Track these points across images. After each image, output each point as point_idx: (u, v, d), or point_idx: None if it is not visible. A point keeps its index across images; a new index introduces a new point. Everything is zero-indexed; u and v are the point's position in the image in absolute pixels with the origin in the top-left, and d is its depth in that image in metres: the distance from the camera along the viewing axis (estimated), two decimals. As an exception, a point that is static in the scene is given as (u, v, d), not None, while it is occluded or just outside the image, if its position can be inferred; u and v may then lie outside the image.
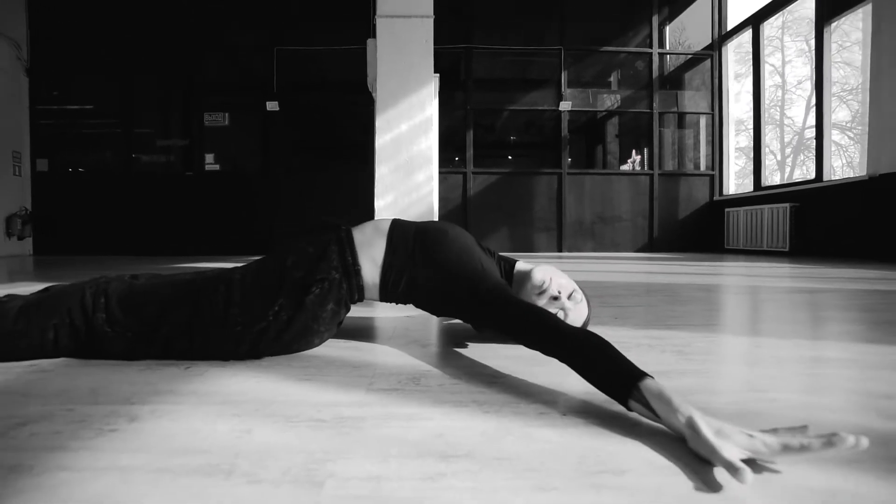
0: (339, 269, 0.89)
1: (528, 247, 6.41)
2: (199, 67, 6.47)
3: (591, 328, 1.11)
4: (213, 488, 0.42)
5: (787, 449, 0.45)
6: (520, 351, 0.93)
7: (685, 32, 6.99)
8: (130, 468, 0.46)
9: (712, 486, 0.43)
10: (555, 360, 0.68)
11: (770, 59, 16.83)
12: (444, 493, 0.42)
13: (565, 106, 6.35)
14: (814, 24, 5.18)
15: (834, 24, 5.00)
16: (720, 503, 0.41)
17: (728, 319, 1.46)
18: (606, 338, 0.65)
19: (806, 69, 15.88)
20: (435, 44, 3.51)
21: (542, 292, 0.95)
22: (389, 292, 0.95)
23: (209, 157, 6.47)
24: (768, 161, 17.30)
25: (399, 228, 0.98)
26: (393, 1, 3.56)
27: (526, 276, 1.00)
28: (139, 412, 0.62)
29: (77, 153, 6.61)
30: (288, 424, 0.57)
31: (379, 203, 3.46)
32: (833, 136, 5.19)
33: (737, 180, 12.34)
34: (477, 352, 0.96)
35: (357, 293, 0.92)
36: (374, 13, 3.69)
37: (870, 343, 1.04)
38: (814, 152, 5.22)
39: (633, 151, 6.99)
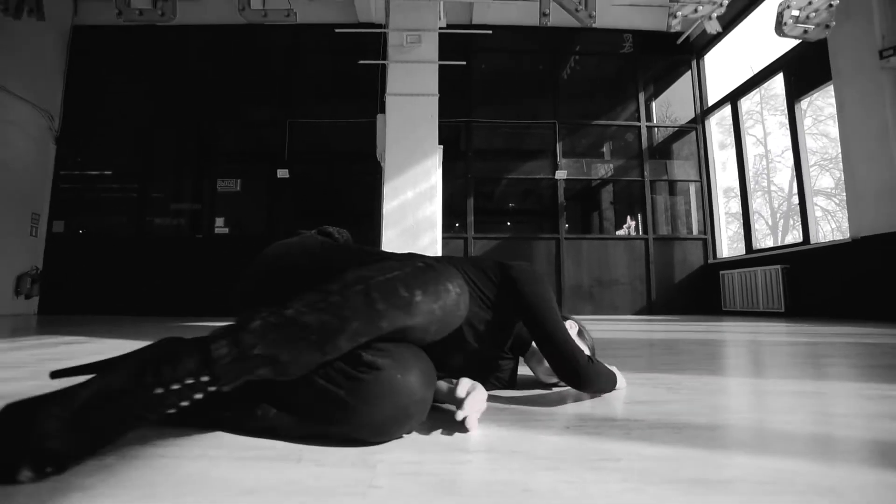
0: None
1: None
2: (215, 137, 6.91)
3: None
4: (288, 470, 0.53)
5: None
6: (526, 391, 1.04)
7: (671, 107, 7.53)
8: (216, 457, 0.57)
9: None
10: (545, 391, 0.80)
11: (752, 131, 17.83)
12: (471, 471, 0.53)
13: (561, 175, 6.71)
14: (786, 102, 5.63)
15: (804, 102, 5.45)
16: (697, 487, 0.52)
17: (719, 366, 1.56)
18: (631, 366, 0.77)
19: (787, 139, 16.76)
20: (437, 118, 3.81)
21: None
22: None
23: (219, 221, 6.72)
24: (760, 226, 17.81)
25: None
26: (402, 81, 3.92)
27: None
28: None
29: (93, 215, 6.89)
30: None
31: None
32: (820, 202, 5.47)
33: (731, 244, 12.61)
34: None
35: None
36: (384, 91, 4.04)
37: (844, 381, 1.15)
38: (814, 214, 5.48)
39: (628, 217, 7.28)
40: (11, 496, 0.47)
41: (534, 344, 1.04)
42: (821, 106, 14.80)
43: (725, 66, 16.13)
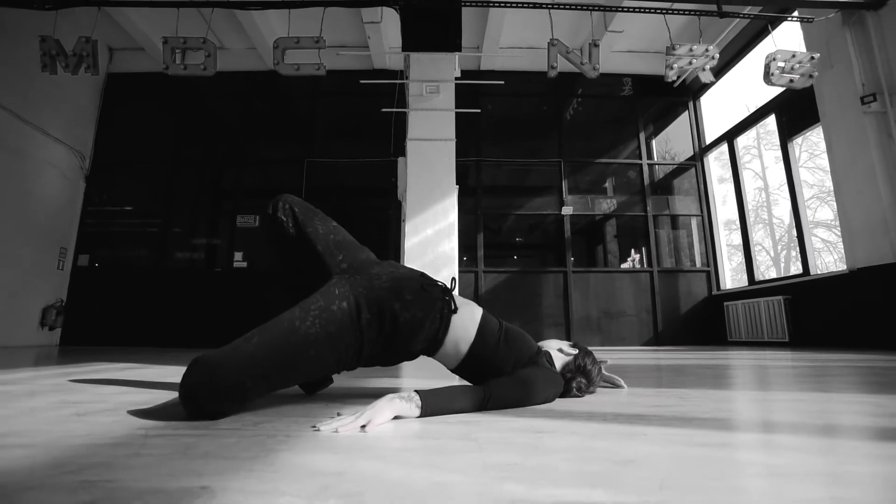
0: (427, 340, 1.19)
1: (538, 341, 6.64)
2: (236, 176, 7.27)
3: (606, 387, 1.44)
4: (409, 452, 0.74)
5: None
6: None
7: (671, 143, 7.88)
8: (333, 449, 0.78)
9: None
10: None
11: (751, 165, 18.27)
12: (547, 440, 0.74)
13: (567, 211, 6.99)
14: (779, 140, 5.95)
15: (797, 140, 5.76)
16: (704, 448, 0.72)
17: (725, 383, 1.75)
18: (619, 392, 0.99)
19: (784, 173, 17.15)
20: (455, 158, 4.09)
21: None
22: (462, 367, 1.24)
23: (238, 255, 6.98)
24: (762, 258, 17.98)
25: (488, 323, 1.24)
26: (422, 127, 4.25)
27: None
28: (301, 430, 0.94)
29: (116, 250, 7.16)
30: (446, 425, 0.90)
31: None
32: (821, 233, 5.69)
33: (735, 275, 12.71)
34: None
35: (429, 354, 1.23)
36: (399, 133, 4.36)
37: (843, 392, 1.35)
38: (812, 246, 5.70)
39: (633, 250, 7.51)
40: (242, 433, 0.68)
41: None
42: (815, 141, 15.25)
43: (722, 104, 16.72)
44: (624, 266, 7.41)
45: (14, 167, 5.86)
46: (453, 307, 1.20)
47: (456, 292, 1.29)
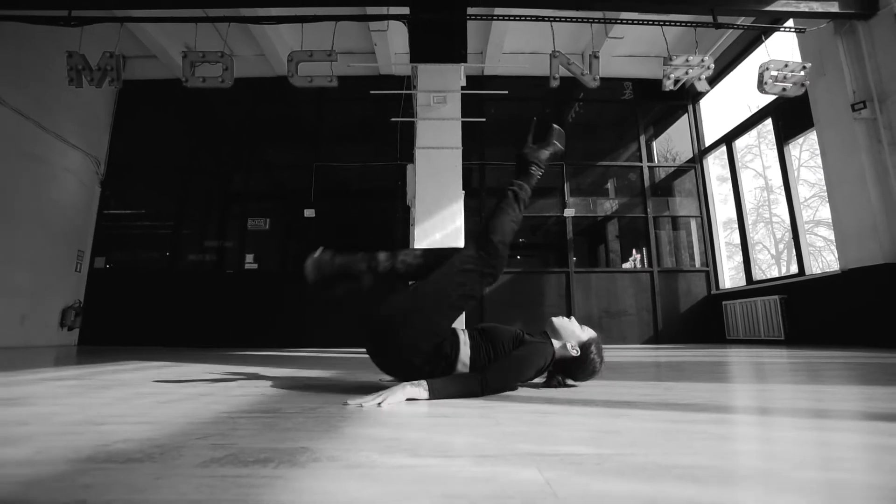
0: (446, 358, 1.43)
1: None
2: (246, 179, 7.49)
3: (602, 380, 1.64)
4: (443, 427, 0.95)
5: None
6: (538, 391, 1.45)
7: (671, 144, 8.06)
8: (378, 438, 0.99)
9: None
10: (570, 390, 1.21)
11: (752, 164, 18.39)
12: (552, 418, 0.94)
13: (569, 212, 7.19)
14: (776, 144, 6.13)
15: (799, 140, 5.93)
16: (672, 421, 0.92)
17: (713, 376, 1.95)
18: (614, 384, 1.19)
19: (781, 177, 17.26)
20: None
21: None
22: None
23: (249, 257, 7.20)
24: (764, 256, 18.14)
25: (472, 338, 1.52)
26: (430, 135, 4.44)
27: None
28: (348, 411, 1.14)
29: (131, 252, 7.40)
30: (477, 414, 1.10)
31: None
32: (822, 232, 5.86)
33: (737, 274, 12.87)
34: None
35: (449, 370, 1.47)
36: (414, 144, 4.56)
37: (817, 383, 1.54)
38: (808, 247, 5.89)
39: (634, 250, 7.70)
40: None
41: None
42: (814, 141, 15.35)
43: (721, 107, 16.83)
44: (625, 266, 7.60)
45: (34, 173, 6.10)
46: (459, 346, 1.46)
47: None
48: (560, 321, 1.56)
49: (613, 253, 8.00)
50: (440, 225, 4.06)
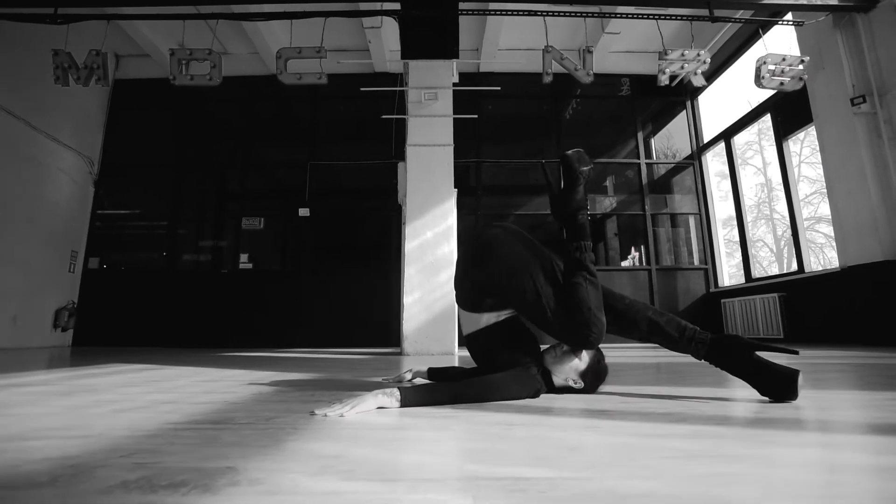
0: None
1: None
2: (241, 179, 7.43)
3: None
4: (397, 441, 0.88)
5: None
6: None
7: (670, 141, 7.97)
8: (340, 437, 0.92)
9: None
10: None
11: (753, 161, 18.28)
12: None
13: (565, 209, 7.10)
14: (774, 139, 6.04)
15: (800, 135, 5.85)
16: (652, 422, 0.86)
17: (711, 381, 1.89)
18: (615, 383, 1.13)
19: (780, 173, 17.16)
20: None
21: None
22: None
23: (243, 257, 7.15)
24: (765, 253, 18.03)
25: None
26: (421, 133, 4.38)
27: None
28: (300, 422, 1.08)
29: (125, 252, 7.35)
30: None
31: (407, 299, 3.95)
32: (823, 229, 5.78)
33: (737, 272, 12.79)
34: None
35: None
36: (399, 135, 4.50)
37: (814, 388, 1.47)
38: (810, 244, 5.81)
39: (633, 248, 7.62)
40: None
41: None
42: (815, 137, 15.23)
43: (720, 102, 16.68)
44: (624, 264, 7.52)
45: (27, 174, 6.05)
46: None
47: None
48: (554, 364, 1.45)
49: (613, 251, 7.92)
50: (431, 223, 4.00)
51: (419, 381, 1.91)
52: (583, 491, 0.55)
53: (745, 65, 6.71)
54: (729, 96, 12.03)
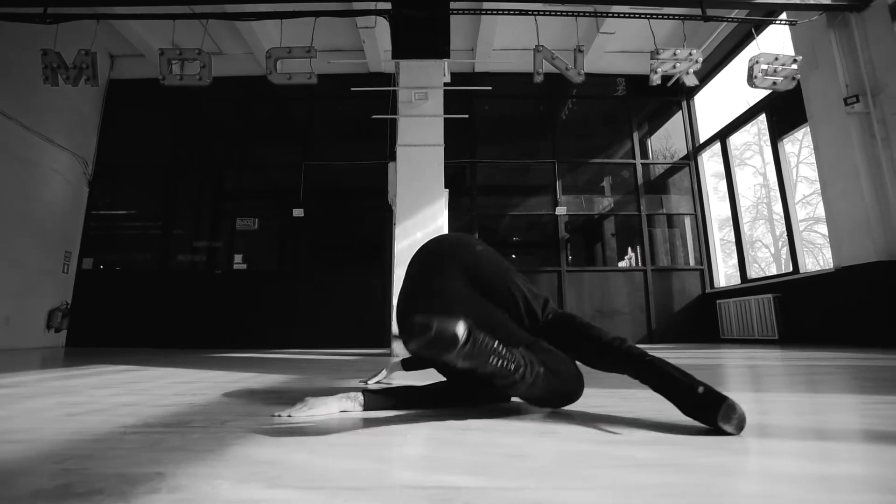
0: None
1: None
2: (235, 179, 7.42)
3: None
4: (342, 446, 0.86)
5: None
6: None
7: (667, 141, 7.94)
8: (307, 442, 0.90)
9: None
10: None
11: (751, 161, 18.24)
12: (467, 436, 0.86)
13: (561, 211, 7.09)
14: (769, 140, 6.02)
15: (797, 135, 5.82)
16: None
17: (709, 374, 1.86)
18: (596, 386, 1.10)
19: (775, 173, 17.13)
20: (444, 160, 4.20)
21: None
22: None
23: (238, 258, 7.13)
24: (763, 254, 17.99)
25: None
26: (411, 133, 4.35)
27: None
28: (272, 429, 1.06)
29: (119, 253, 7.34)
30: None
31: (396, 300, 3.92)
32: (821, 229, 5.76)
33: (734, 272, 12.74)
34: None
35: None
36: (393, 136, 4.49)
37: (807, 391, 1.45)
38: (808, 244, 5.78)
39: (629, 249, 7.59)
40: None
41: None
42: (815, 137, 15.18)
43: (716, 103, 16.66)
44: (621, 264, 7.50)
45: (20, 174, 6.03)
46: None
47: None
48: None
49: (610, 251, 7.90)
50: (421, 223, 3.98)
51: (398, 373, 1.92)
52: (508, 502, 0.53)
53: (740, 65, 6.67)
54: (725, 96, 11.98)
